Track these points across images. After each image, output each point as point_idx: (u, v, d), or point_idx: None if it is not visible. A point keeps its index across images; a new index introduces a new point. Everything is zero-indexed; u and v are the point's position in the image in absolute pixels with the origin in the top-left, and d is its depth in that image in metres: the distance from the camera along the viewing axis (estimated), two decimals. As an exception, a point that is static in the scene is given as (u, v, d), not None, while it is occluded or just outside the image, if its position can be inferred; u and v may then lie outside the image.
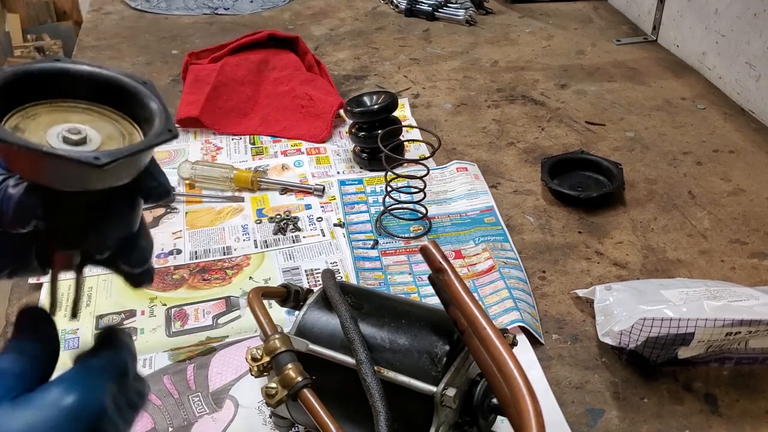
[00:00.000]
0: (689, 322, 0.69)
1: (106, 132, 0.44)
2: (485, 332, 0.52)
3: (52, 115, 0.44)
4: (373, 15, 1.74)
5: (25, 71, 0.43)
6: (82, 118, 0.45)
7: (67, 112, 0.45)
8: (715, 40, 1.35)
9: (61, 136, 0.42)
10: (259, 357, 0.57)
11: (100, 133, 0.44)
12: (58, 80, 0.45)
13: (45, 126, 0.43)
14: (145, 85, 0.45)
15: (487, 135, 1.21)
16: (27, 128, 0.43)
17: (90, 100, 0.46)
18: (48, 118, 0.44)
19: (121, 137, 0.45)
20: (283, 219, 0.99)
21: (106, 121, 0.45)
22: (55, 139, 0.42)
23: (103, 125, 0.45)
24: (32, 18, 3.31)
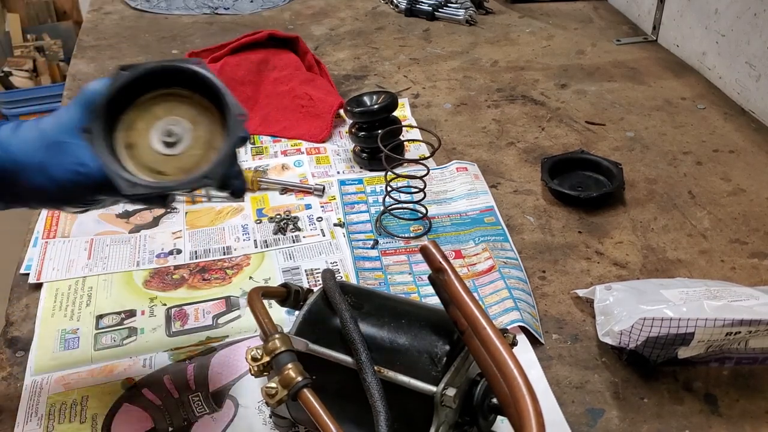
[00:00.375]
0: (689, 322, 0.69)
1: (189, 115, 0.57)
2: (485, 332, 0.53)
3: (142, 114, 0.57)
4: (373, 15, 1.74)
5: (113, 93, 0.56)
6: (163, 108, 0.57)
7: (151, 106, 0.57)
8: (716, 39, 1.35)
9: (163, 143, 0.57)
10: (259, 357, 0.57)
11: (185, 118, 0.57)
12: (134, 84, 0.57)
13: (145, 133, 0.57)
14: (197, 68, 0.57)
15: (487, 135, 1.21)
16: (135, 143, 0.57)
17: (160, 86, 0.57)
18: (142, 121, 0.57)
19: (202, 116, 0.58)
20: (283, 219, 0.99)
21: (182, 101, 0.58)
22: (161, 147, 0.57)
23: (182, 108, 0.57)
24: (32, 18, 3.31)
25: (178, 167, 0.57)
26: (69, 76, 1.44)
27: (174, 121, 0.57)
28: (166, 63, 0.57)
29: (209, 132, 0.58)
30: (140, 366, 0.76)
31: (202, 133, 0.58)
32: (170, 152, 0.57)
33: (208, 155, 0.57)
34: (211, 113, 0.58)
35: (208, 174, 0.56)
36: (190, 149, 0.57)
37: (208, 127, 0.58)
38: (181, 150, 0.57)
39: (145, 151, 0.57)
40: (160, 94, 0.58)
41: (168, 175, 0.57)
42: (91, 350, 0.79)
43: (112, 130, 0.57)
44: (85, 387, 0.74)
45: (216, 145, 0.57)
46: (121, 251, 0.93)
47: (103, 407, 0.71)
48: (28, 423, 0.70)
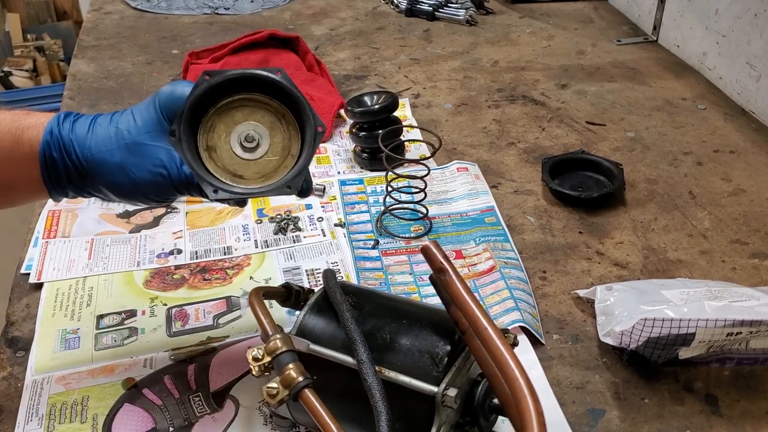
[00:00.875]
0: (690, 323, 0.69)
1: (267, 122, 0.60)
2: (486, 332, 0.52)
3: (223, 119, 0.60)
4: (374, 15, 1.74)
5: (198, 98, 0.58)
6: (243, 114, 0.60)
7: (231, 111, 0.60)
8: (716, 40, 1.35)
9: (242, 147, 0.60)
10: (260, 357, 0.57)
11: (263, 124, 0.60)
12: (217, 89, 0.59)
13: (225, 136, 0.60)
14: (279, 77, 0.59)
15: (488, 135, 1.21)
16: (215, 145, 0.60)
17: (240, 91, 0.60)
18: (222, 124, 0.60)
19: (279, 122, 0.61)
20: (283, 219, 0.99)
21: (261, 107, 0.60)
22: (240, 151, 0.60)
23: (261, 113, 0.60)
24: (32, 18, 3.31)
25: (256, 171, 0.60)
26: (69, 76, 1.44)
27: (253, 125, 0.60)
28: (247, 71, 0.60)
29: (287, 138, 0.61)
30: (141, 366, 0.76)
31: (279, 139, 0.61)
32: (249, 156, 0.60)
33: (286, 161, 0.61)
34: (288, 120, 0.61)
35: (288, 183, 0.60)
36: (268, 154, 0.61)
37: (286, 133, 0.61)
38: (259, 155, 0.60)
39: (225, 154, 0.60)
40: (240, 99, 0.60)
41: (246, 179, 0.60)
42: (91, 350, 0.79)
43: (194, 133, 0.59)
44: (85, 387, 0.74)
45: (293, 152, 0.61)
46: (122, 251, 0.93)
47: (104, 407, 0.71)
48: (28, 423, 0.70)
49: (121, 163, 0.61)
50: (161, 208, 1.01)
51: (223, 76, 0.59)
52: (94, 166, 0.61)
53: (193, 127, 0.59)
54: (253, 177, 0.60)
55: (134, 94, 1.35)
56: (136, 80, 1.40)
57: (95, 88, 1.37)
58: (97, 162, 0.61)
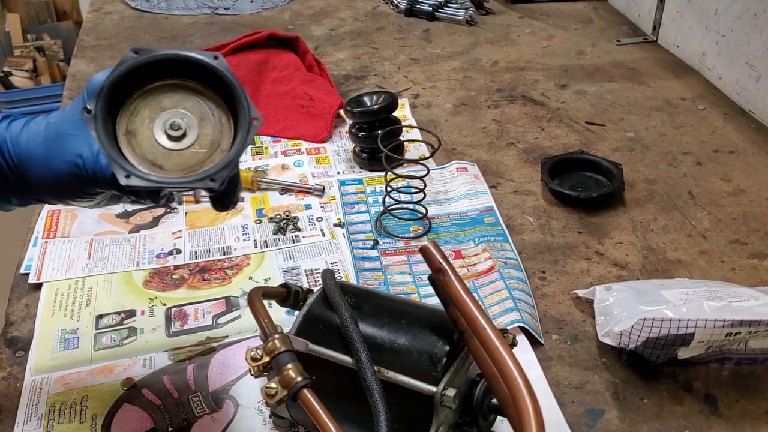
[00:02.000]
0: (689, 323, 0.69)
1: (197, 111, 0.55)
2: (485, 332, 0.53)
3: (149, 103, 0.54)
4: (373, 15, 1.74)
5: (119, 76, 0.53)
6: (172, 100, 0.55)
7: (158, 96, 0.54)
8: (715, 40, 1.35)
9: (166, 135, 0.54)
10: (259, 357, 0.57)
11: (193, 113, 0.55)
12: (145, 69, 0.54)
13: (149, 122, 0.54)
14: (215, 63, 0.54)
15: (487, 135, 1.21)
16: (136, 130, 0.54)
17: (172, 76, 0.55)
18: (147, 109, 0.54)
19: (211, 113, 0.55)
20: (283, 219, 0.99)
21: (193, 96, 0.55)
22: (164, 139, 0.54)
23: (192, 102, 0.55)
24: (32, 18, 3.31)
25: (179, 163, 0.54)
26: (69, 76, 1.44)
27: (181, 113, 0.55)
28: (180, 52, 0.54)
29: (217, 131, 0.55)
30: (140, 366, 0.76)
31: (209, 131, 0.55)
32: (173, 146, 0.54)
33: (213, 156, 0.55)
34: (222, 111, 0.56)
35: (212, 176, 0.53)
36: (194, 146, 0.55)
37: (217, 126, 0.55)
38: (184, 145, 0.55)
39: (146, 141, 0.54)
40: (170, 84, 0.55)
41: (166, 170, 0.54)
42: (90, 350, 0.79)
43: (114, 115, 0.54)
44: (84, 387, 0.74)
45: (223, 147, 0.55)
46: (121, 251, 0.93)
47: (103, 407, 0.71)
48: (27, 423, 0.70)
49: (43, 156, 0.57)
50: (161, 208, 1.01)
51: (153, 56, 0.54)
52: (23, 163, 0.57)
53: (114, 109, 0.54)
54: (173, 169, 0.54)
55: (134, 94, 1.35)
56: (135, 80, 1.40)
57: (95, 88, 1.37)
58: (25, 157, 0.57)
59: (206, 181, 0.53)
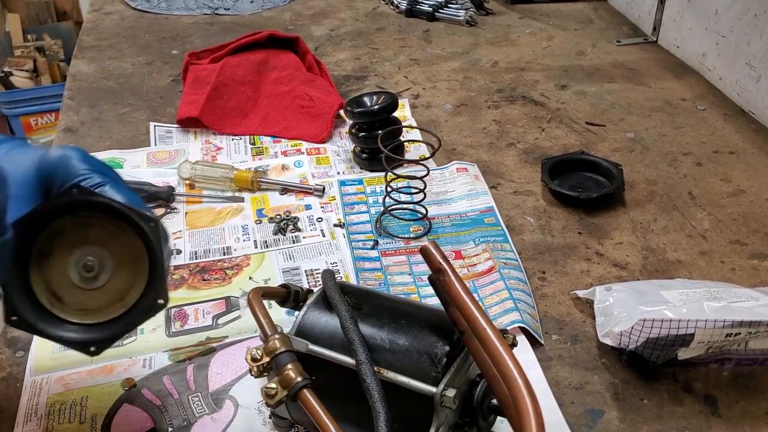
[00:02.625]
0: (689, 323, 0.69)
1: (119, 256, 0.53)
2: (485, 333, 0.52)
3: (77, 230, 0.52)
4: (374, 15, 1.74)
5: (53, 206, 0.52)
6: (100, 234, 0.53)
7: (89, 227, 0.53)
8: (716, 41, 1.35)
9: (78, 274, 0.53)
10: (259, 357, 0.57)
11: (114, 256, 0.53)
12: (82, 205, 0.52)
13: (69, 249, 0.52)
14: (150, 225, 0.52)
15: (488, 136, 1.21)
16: (52, 252, 0.52)
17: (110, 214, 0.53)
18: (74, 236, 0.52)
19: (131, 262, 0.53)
20: (283, 219, 0.99)
21: (122, 237, 0.53)
22: (74, 273, 0.53)
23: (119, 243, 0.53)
24: (32, 18, 3.31)
25: (79, 302, 0.53)
26: (69, 77, 1.44)
27: (102, 253, 0.53)
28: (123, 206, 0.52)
29: (129, 283, 0.54)
30: (140, 366, 0.76)
31: (122, 279, 0.54)
32: (79, 284, 0.53)
33: (114, 307, 0.54)
34: (140, 267, 0.54)
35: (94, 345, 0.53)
36: (101, 290, 0.54)
37: (130, 278, 0.54)
38: (92, 286, 0.53)
39: (57, 270, 0.53)
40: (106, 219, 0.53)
41: (63, 305, 0.53)
42: (90, 350, 0.79)
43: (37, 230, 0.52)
44: (84, 387, 0.74)
45: (128, 301, 0.54)
46: (121, 251, 0.93)
47: (103, 407, 0.71)
48: (27, 423, 0.70)
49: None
50: (160, 208, 1.01)
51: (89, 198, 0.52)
52: None
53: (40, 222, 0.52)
54: (70, 306, 0.53)
55: (134, 94, 1.35)
56: (136, 80, 1.40)
57: (95, 89, 1.37)
58: None
59: (86, 349, 0.53)
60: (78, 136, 1.21)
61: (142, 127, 1.23)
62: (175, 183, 1.06)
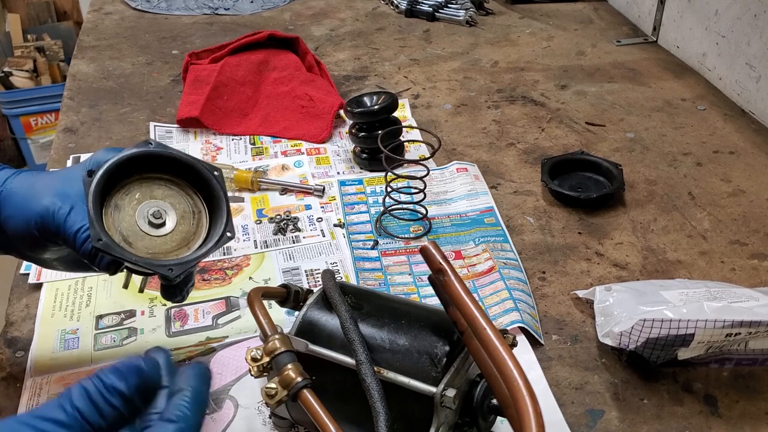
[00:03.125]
0: (689, 323, 0.69)
1: (181, 209, 0.62)
2: (485, 333, 0.52)
3: (142, 188, 0.61)
4: (374, 15, 1.74)
5: (129, 156, 0.59)
6: (164, 192, 0.62)
7: (153, 185, 0.61)
8: (716, 41, 1.35)
9: (147, 220, 0.60)
10: (258, 357, 0.57)
11: (177, 210, 0.61)
12: (153, 159, 0.61)
13: (136, 203, 0.60)
14: (215, 176, 0.62)
15: (488, 136, 1.21)
16: (123, 206, 0.60)
17: (172, 174, 0.62)
18: (139, 192, 0.60)
19: (192, 215, 0.62)
20: (283, 219, 0.99)
21: (183, 196, 0.62)
22: (142, 221, 0.60)
23: (180, 200, 0.62)
24: (32, 18, 3.31)
25: (148, 247, 0.60)
26: (69, 77, 1.44)
27: (166, 206, 0.61)
28: (188, 157, 0.62)
29: (192, 230, 0.62)
30: (140, 366, 0.76)
31: (185, 228, 0.62)
32: (148, 231, 0.60)
33: (180, 251, 0.61)
34: (201, 215, 0.63)
35: (172, 266, 0.59)
36: (167, 237, 0.61)
37: (194, 226, 0.62)
38: (159, 233, 0.61)
39: (127, 219, 0.60)
40: (167, 179, 0.62)
41: (135, 249, 0.59)
42: (91, 350, 0.79)
43: (109, 189, 0.60)
44: (84, 387, 0.74)
45: (192, 245, 0.62)
46: (121, 251, 0.93)
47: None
48: (27, 423, 0.70)
49: (24, 195, 0.62)
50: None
51: (164, 151, 0.61)
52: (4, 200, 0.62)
53: (111, 183, 0.60)
54: (141, 250, 0.60)
55: (134, 94, 1.35)
56: (136, 80, 1.40)
57: (95, 89, 1.37)
58: (7, 195, 0.62)
59: (165, 269, 0.59)
60: (78, 136, 1.21)
61: (142, 127, 1.23)
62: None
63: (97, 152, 0.63)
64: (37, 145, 3.10)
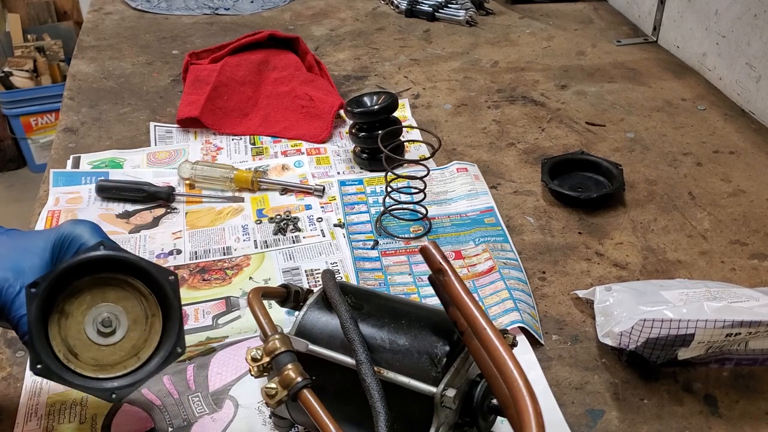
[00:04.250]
0: (689, 323, 0.69)
1: (134, 315, 0.58)
2: (485, 333, 0.52)
3: (93, 291, 0.57)
4: (374, 15, 1.74)
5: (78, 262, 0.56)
6: (117, 295, 0.58)
7: (107, 287, 0.57)
8: (716, 41, 1.35)
9: (96, 328, 0.56)
10: (259, 357, 0.57)
11: (129, 315, 0.58)
12: (106, 261, 0.57)
13: (86, 308, 0.56)
14: (169, 281, 0.59)
15: (488, 136, 1.21)
16: (71, 311, 0.56)
17: (127, 273, 0.58)
18: (90, 296, 0.56)
19: (145, 320, 0.58)
20: (283, 219, 0.99)
21: (137, 298, 0.58)
22: (91, 329, 0.56)
23: (134, 303, 0.58)
24: (32, 18, 3.31)
25: (95, 357, 0.57)
26: (69, 77, 1.44)
27: (118, 311, 0.58)
28: (140, 261, 0.58)
29: (143, 339, 0.59)
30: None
31: (136, 336, 0.58)
32: (96, 340, 0.57)
33: (128, 362, 0.58)
34: (154, 323, 0.59)
35: (114, 392, 0.56)
36: (116, 346, 0.58)
37: (145, 334, 0.59)
38: (107, 342, 0.57)
39: (74, 327, 0.56)
40: (121, 279, 0.58)
41: (79, 361, 0.56)
42: (90, 350, 0.79)
43: (57, 292, 0.56)
44: (84, 387, 0.74)
45: (141, 356, 0.58)
46: (121, 251, 0.93)
47: (103, 407, 0.71)
48: (27, 423, 0.70)
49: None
50: (160, 208, 1.01)
51: (116, 255, 0.57)
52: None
53: (59, 285, 0.56)
54: (86, 361, 0.57)
55: (134, 94, 1.35)
56: (136, 80, 1.40)
57: (95, 89, 1.37)
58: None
59: (108, 394, 0.56)
60: (78, 136, 1.21)
61: (142, 127, 1.23)
62: (175, 183, 1.06)
63: (63, 224, 0.61)
64: (37, 145, 3.11)
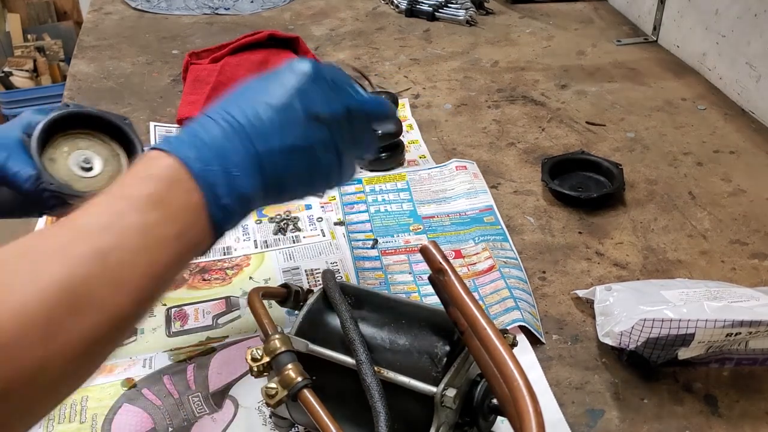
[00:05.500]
0: (689, 323, 0.69)
1: (104, 154, 0.73)
2: (485, 332, 0.52)
3: (68, 142, 0.71)
4: (374, 15, 1.74)
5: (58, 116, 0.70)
6: (86, 143, 0.72)
7: (77, 138, 0.72)
8: (716, 40, 1.35)
9: (80, 166, 0.70)
10: (259, 357, 0.57)
11: (101, 156, 0.73)
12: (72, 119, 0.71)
13: (66, 155, 0.70)
14: (126, 123, 0.74)
15: (488, 135, 1.21)
16: (56, 158, 0.70)
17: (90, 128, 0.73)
18: (67, 146, 0.71)
19: (113, 157, 0.73)
20: (283, 219, 0.99)
21: (102, 144, 0.73)
22: (76, 168, 0.70)
23: (101, 149, 0.73)
24: (32, 18, 3.31)
25: (86, 186, 0.70)
26: (69, 76, 1.44)
27: (91, 153, 0.72)
28: (99, 112, 0.73)
29: (117, 171, 0.73)
30: (140, 366, 0.76)
31: (111, 168, 0.72)
32: (82, 174, 0.71)
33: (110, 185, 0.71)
34: (124, 157, 0.74)
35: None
36: (98, 177, 0.71)
37: (117, 167, 0.73)
38: (90, 175, 0.71)
39: (63, 168, 0.70)
40: (88, 133, 0.72)
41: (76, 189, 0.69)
42: (90, 350, 0.79)
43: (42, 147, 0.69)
44: (84, 387, 0.73)
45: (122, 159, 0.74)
46: (121, 251, 0.93)
47: (103, 407, 0.71)
48: (27, 423, 0.70)
49: None
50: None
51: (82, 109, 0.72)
52: None
53: (44, 141, 0.68)
54: (82, 190, 0.69)
55: (134, 94, 1.35)
56: (136, 80, 1.40)
57: (95, 89, 1.37)
58: None
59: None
60: (78, 136, 1.21)
61: (142, 127, 1.23)
62: (175, 183, 1.06)
63: (24, 113, 0.71)
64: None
